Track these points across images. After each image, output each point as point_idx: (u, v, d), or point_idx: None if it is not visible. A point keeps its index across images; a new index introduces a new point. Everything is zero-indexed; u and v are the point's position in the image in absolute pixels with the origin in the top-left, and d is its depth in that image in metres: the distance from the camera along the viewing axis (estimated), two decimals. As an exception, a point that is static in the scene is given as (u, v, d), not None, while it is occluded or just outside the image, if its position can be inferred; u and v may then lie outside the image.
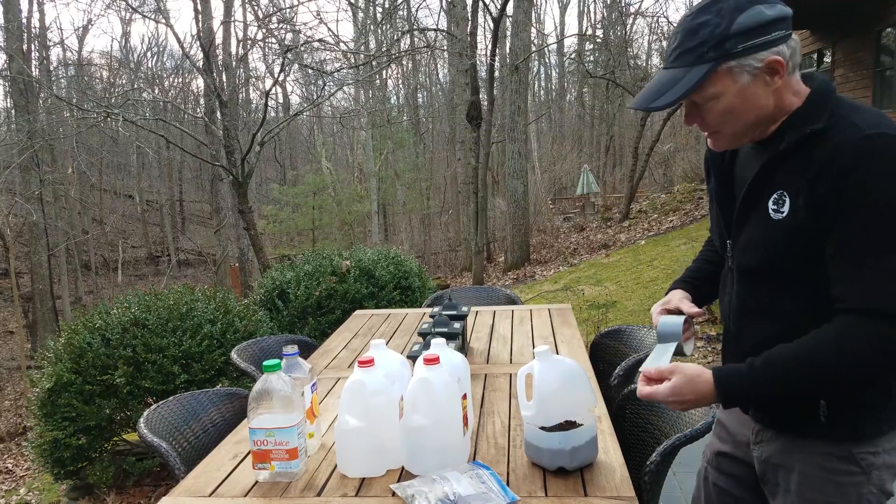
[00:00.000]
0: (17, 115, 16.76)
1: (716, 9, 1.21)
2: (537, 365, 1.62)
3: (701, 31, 1.21)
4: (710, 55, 1.21)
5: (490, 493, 1.51)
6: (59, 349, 3.98)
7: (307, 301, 5.13)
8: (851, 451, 1.28)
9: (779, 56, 1.21)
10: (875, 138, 1.15)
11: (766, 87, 1.24)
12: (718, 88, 1.23)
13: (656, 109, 1.26)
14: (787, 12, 1.22)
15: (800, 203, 1.21)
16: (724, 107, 1.25)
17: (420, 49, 18.86)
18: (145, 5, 17.12)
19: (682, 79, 1.23)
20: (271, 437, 1.65)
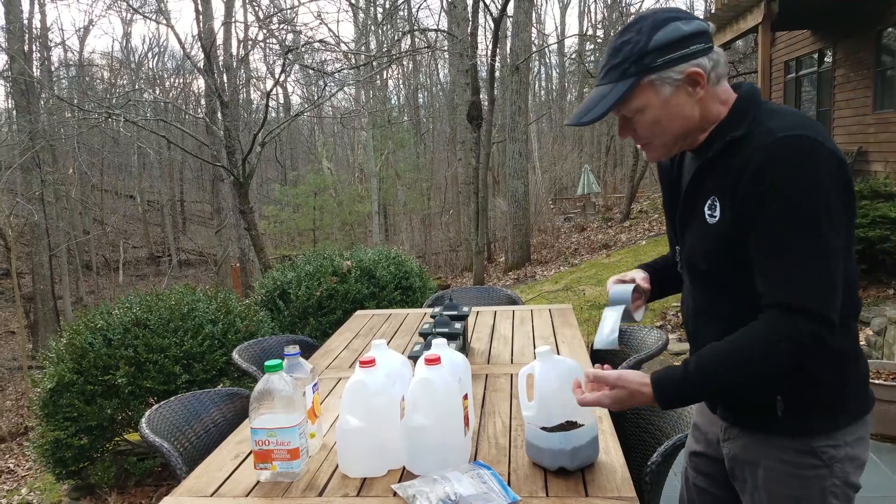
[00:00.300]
0: (18, 116, 16.79)
1: (636, 28, 1.30)
2: (538, 365, 1.63)
3: (623, 49, 1.29)
4: (632, 70, 1.28)
5: (491, 493, 1.51)
6: (60, 349, 3.99)
7: (308, 301, 5.13)
8: (811, 445, 1.32)
9: (698, 68, 1.28)
10: (785, 140, 1.21)
11: (690, 98, 1.30)
12: (643, 101, 1.30)
13: (586, 124, 1.33)
14: (703, 27, 1.29)
15: (727, 207, 1.28)
16: (650, 118, 1.32)
17: (421, 49, 18.86)
18: (146, 6, 17.13)
19: (608, 94, 1.30)
20: (273, 438, 1.65)
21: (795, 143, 1.21)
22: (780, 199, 1.20)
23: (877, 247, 5.60)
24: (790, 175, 1.20)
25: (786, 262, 1.21)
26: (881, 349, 4.40)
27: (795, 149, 1.20)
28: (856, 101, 10.37)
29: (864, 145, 10.05)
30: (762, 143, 1.23)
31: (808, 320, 1.20)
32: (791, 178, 1.20)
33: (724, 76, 1.33)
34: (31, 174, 16.41)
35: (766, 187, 1.21)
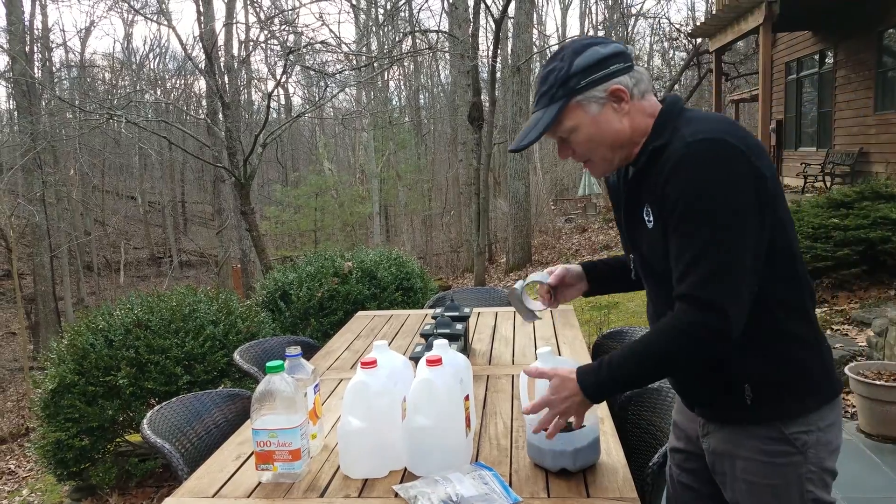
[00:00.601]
0: (19, 117, 16.82)
1: (560, 56, 1.41)
2: (539, 365, 1.62)
3: (549, 77, 1.41)
4: (559, 94, 1.39)
5: (492, 494, 1.51)
6: (62, 350, 3.99)
7: (309, 302, 5.13)
8: (784, 432, 1.37)
9: (620, 85, 1.39)
10: (693, 144, 1.30)
11: (617, 114, 1.40)
12: (574, 121, 1.41)
13: (525, 147, 1.43)
14: (620, 49, 1.41)
15: (656, 213, 1.38)
16: (583, 136, 1.42)
17: (422, 51, 18.88)
18: (147, 7, 17.17)
19: (541, 118, 1.41)
20: (274, 438, 1.65)
21: (701, 146, 1.29)
22: (685, 198, 1.29)
23: (878, 248, 5.60)
24: (694, 175, 1.28)
25: (687, 257, 1.30)
26: (882, 350, 4.39)
27: (701, 151, 1.29)
28: (857, 103, 10.36)
29: (865, 146, 10.04)
30: (675, 150, 1.32)
31: (703, 311, 1.27)
32: (694, 178, 1.28)
33: (648, 91, 1.43)
34: (33, 175, 16.44)
35: (674, 189, 1.30)
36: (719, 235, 1.27)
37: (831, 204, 6.20)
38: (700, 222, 1.28)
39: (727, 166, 1.28)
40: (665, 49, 25.01)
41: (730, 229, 1.27)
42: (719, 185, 1.27)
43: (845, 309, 5.56)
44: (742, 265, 1.28)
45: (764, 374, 1.37)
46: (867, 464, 3.49)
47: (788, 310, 1.37)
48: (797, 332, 1.38)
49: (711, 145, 1.29)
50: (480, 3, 12.34)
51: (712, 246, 1.27)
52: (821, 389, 1.40)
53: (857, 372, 3.79)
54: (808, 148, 12.42)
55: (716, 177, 1.27)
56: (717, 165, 1.28)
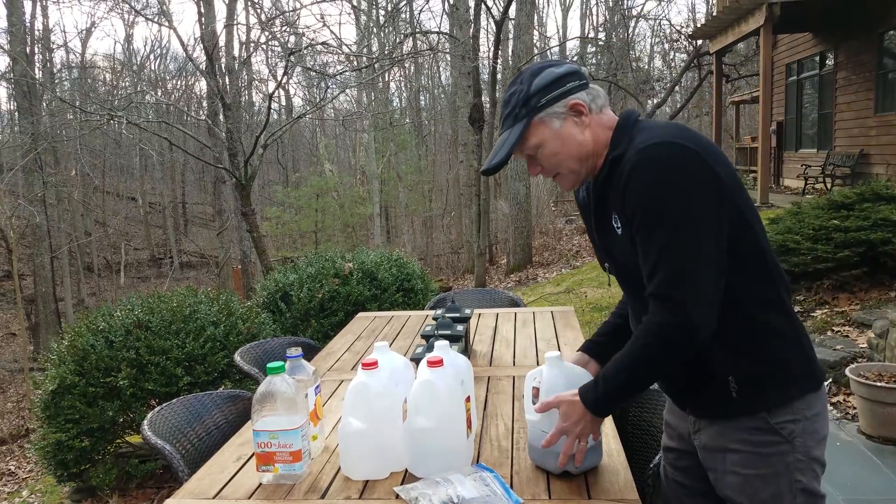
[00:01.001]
0: (20, 118, 16.82)
1: (519, 80, 1.50)
2: (546, 370, 1.62)
3: (512, 99, 1.49)
4: (522, 113, 1.47)
5: (494, 495, 1.51)
6: (62, 351, 3.99)
7: (310, 303, 5.13)
8: (769, 422, 1.40)
9: (578, 99, 1.46)
10: (644, 150, 1.36)
11: (578, 127, 1.47)
12: (538, 138, 1.47)
13: (496, 169, 1.50)
14: (574, 69, 1.50)
15: (622, 220, 1.43)
16: (549, 151, 1.48)
17: (422, 52, 18.87)
18: (148, 8, 17.18)
19: (508, 138, 1.48)
20: (275, 440, 1.65)
21: (652, 151, 1.35)
22: (641, 203, 1.35)
23: (878, 249, 5.59)
24: (647, 179, 1.34)
25: (651, 258, 1.35)
26: (883, 352, 4.39)
27: (652, 156, 1.35)
28: (857, 104, 10.36)
29: (865, 148, 10.04)
30: (629, 157, 1.38)
31: (669, 311, 1.33)
32: (648, 182, 1.34)
33: (605, 106, 1.51)
34: (33, 176, 16.44)
35: (631, 195, 1.36)
36: (677, 236, 1.32)
37: (832, 205, 6.19)
38: (657, 224, 1.33)
39: (679, 168, 1.33)
40: (665, 51, 25.00)
41: (687, 229, 1.32)
42: (672, 187, 1.32)
43: (846, 310, 5.56)
44: (702, 263, 1.32)
45: (745, 368, 1.41)
46: (868, 465, 3.49)
47: (762, 304, 1.41)
48: (773, 325, 1.42)
49: (661, 149, 1.34)
50: (481, 4, 12.35)
51: (671, 247, 1.32)
52: (803, 379, 1.43)
53: (858, 374, 3.79)
54: (809, 149, 12.42)
55: (668, 179, 1.33)
56: (669, 168, 1.33)
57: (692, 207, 1.32)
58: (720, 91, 13.22)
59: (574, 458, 1.59)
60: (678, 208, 1.32)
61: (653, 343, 1.38)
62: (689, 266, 1.32)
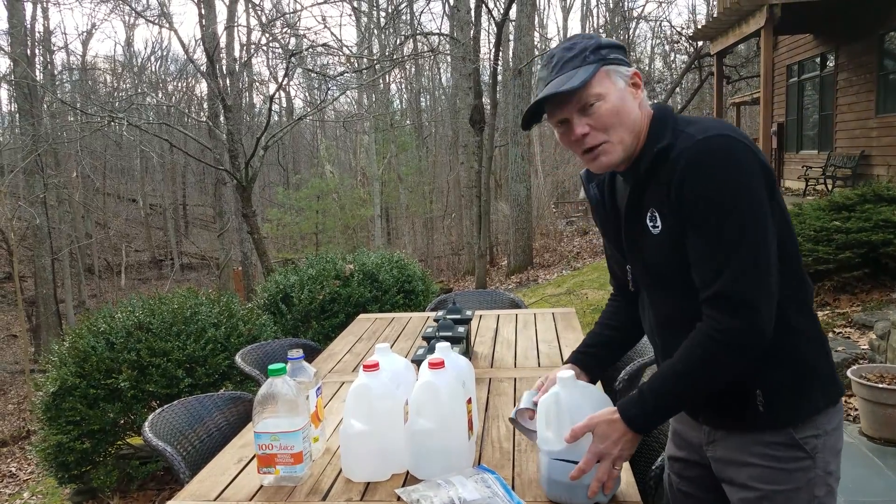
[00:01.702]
0: (21, 119, 16.84)
1: (581, 35, 1.41)
2: (563, 393, 1.48)
3: (576, 47, 1.37)
4: (592, 58, 1.35)
5: (495, 497, 1.51)
6: (63, 353, 3.99)
7: (311, 305, 5.13)
8: (794, 437, 1.35)
9: (637, 72, 1.38)
10: (704, 142, 1.27)
11: (634, 99, 1.38)
12: (603, 88, 1.34)
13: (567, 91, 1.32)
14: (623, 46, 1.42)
15: (668, 217, 1.34)
16: (609, 107, 1.34)
17: (423, 53, 18.89)
18: (149, 10, 17.19)
19: (574, 76, 1.33)
20: (276, 441, 1.65)
21: (713, 143, 1.27)
22: (706, 197, 1.26)
23: (880, 250, 5.59)
24: (712, 173, 1.26)
25: (717, 256, 1.26)
26: (885, 353, 4.38)
27: (714, 148, 1.27)
28: (858, 105, 10.36)
29: (866, 149, 10.04)
30: (684, 149, 1.29)
31: (738, 312, 1.25)
32: (713, 176, 1.26)
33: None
34: (34, 178, 16.45)
35: (692, 188, 1.27)
36: (747, 233, 1.25)
37: (833, 207, 6.19)
38: (724, 220, 1.25)
39: (742, 162, 1.26)
40: (666, 52, 25.02)
41: (755, 225, 1.25)
42: (738, 182, 1.25)
43: (847, 312, 5.56)
44: (769, 260, 1.26)
45: (776, 378, 1.35)
46: (869, 467, 3.48)
47: (796, 305, 1.35)
48: (805, 328, 1.37)
49: (722, 142, 1.27)
50: (482, 6, 12.36)
51: (742, 244, 1.25)
52: (828, 389, 1.39)
53: (860, 375, 3.78)
54: (810, 151, 12.42)
55: (734, 173, 1.26)
56: (733, 162, 1.26)
57: (757, 204, 1.26)
58: (721, 92, 13.21)
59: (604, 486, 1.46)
60: (746, 205, 1.25)
61: (719, 349, 1.27)
62: (758, 264, 1.25)
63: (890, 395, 3.63)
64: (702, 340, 1.29)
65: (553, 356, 2.72)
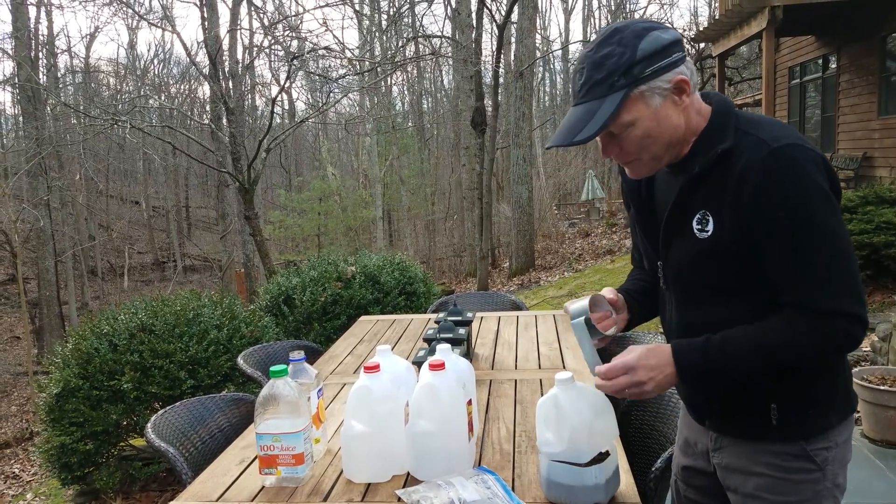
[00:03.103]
0: (25, 122, 16.87)
1: (616, 39, 1.24)
2: (562, 395, 1.46)
3: (607, 63, 1.23)
4: (621, 83, 1.23)
5: (495, 498, 1.52)
6: (66, 354, 4.00)
7: (312, 307, 5.14)
8: (805, 449, 1.32)
9: (683, 76, 1.26)
10: (780, 151, 1.21)
11: (676, 108, 1.28)
12: (634, 115, 1.25)
13: (578, 143, 1.25)
14: (679, 36, 1.28)
15: (724, 221, 1.27)
16: (641, 132, 1.27)
17: (425, 56, 18.91)
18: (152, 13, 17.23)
19: (597, 111, 1.24)
20: (278, 443, 1.66)
21: (790, 153, 1.21)
22: (791, 211, 1.21)
23: (882, 252, 5.59)
24: (794, 185, 1.21)
25: (813, 268, 1.22)
26: (886, 355, 4.38)
27: (791, 159, 1.21)
28: (860, 107, 10.35)
29: (868, 151, 10.03)
30: (757, 156, 1.22)
31: (843, 321, 1.22)
32: (795, 188, 1.21)
33: (697, 85, 1.32)
34: (38, 180, 16.49)
35: (774, 200, 1.21)
36: (838, 242, 1.22)
37: (835, 208, 6.18)
38: (817, 235, 1.21)
39: (818, 174, 1.22)
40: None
41: (843, 238, 1.23)
42: (820, 195, 1.21)
43: (849, 314, 5.55)
44: (856, 268, 1.25)
45: (793, 393, 1.32)
46: (871, 469, 3.48)
47: None
48: None
49: (798, 152, 1.22)
50: (483, 8, 12.38)
51: (836, 253, 1.22)
52: (843, 403, 1.36)
53: (862, 377, 3.78)
54: (812, 152, 12.39)
55: (814, 189, 1.21)
56: (812, 174, 1.21)
57: (838, 216, 1.23)
58: (723, 94, 13.20)
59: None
60: (831, 218, 1.22)
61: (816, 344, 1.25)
62: (854, 273, 1.23)
63: (891, 397, 3.63)
64: (800, 326, 1.23)
65: (554, 358, 2.72)
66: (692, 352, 1.29)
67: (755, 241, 1.25)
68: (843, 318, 1.22)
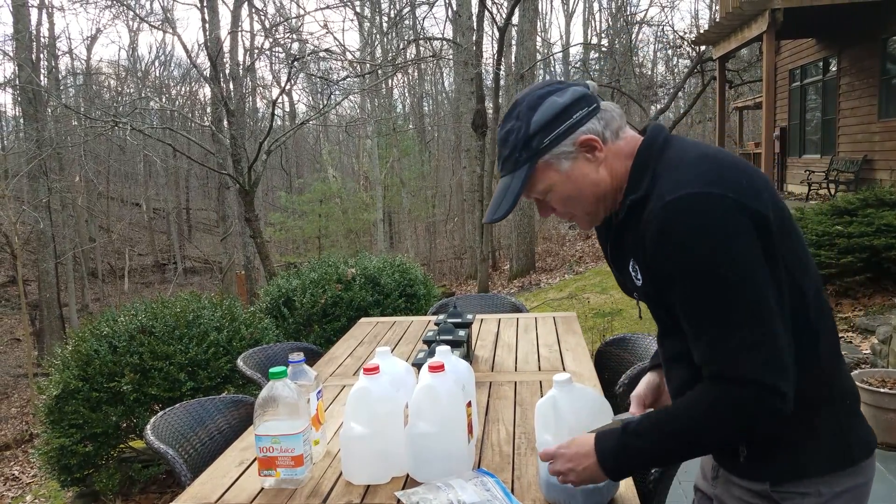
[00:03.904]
0: (25, 124, 16.89)
1: (515, 113, 1.27)
2: (560, 396, 1.46)
3: (510, 139, 1.27)
4: (524, 157, 1.26)
5: (495, 500, 1.52)
6: (66, 356, 4.00)
7: (313, 309, 5.14)
8: (769, 491, 1.24)
9: (589, 134, 1.24)
10: (672, 204, 1.14)
11: (592, 164, 1.26)
12: (547, 183, 1.28)
13: (500, 219, 1.30)
14: (580, 92, 1.26)
15: (644, 272, 1.26)
16: (560, 196, 1.29)
17: (425, 58, 18.94)
18: (153, 15, 17.26)
19: (510, 185, 1.28)
20: (277, 444, 1.66)
21: (682, 205, 1.13)
22: (682, 270, 1.14)
23: (882, 255, 5.59)
24: (683, 241, 1.13)
25: (710, 332, 1.14)
26: (886, 357, 4.38)
27: (683, 212, 1.13)
28: (861, 110, 10.36)
29: (869, 153, 10.04)
30: (655, 207, 1.16)
31: (747, 389, 1.12)
32: (685, 245, 1.13)
33: (622, 128, 1.28)
34: (38, 182, 16.51)
35: (664, 259, 1.16)
36: (736, 304, 1.11)
37: (835, 211, 6.20)
38: (709, 294, 1.12)
39: (717, 224, 1.11)
40: (669, 57, 25.03)
41: (745, 293, 1.11)
42: (715, 248, 1.11)
43: (849, 316, 5.55)
44: (771, 327, 1.11)
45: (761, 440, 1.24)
46: (872, 472, 3.48)
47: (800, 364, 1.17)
48: (808, 387, 1.18)
49: (693, 203, 1.12)
50: (484, 11, 12.39)
51: (732, 317, 1.11)
52: (836, 451, 1.22)
53: (861, 379, 3.78)
54: (812, 155, 12.42)
55: (709, 240, 1.11)
56: (706, 226, 1.12)
57: (743, 269, 1.11)
58: (723, 97, 13.22)
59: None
60: (729, 273, 1.11)
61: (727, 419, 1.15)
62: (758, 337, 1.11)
63: (892, 399, 3.62)
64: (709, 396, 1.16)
65: (554, 360, 2.72)
66: (609, 439, 1.27)
67: (664, 293, 1.21)
68: (752, 387, 1.11)
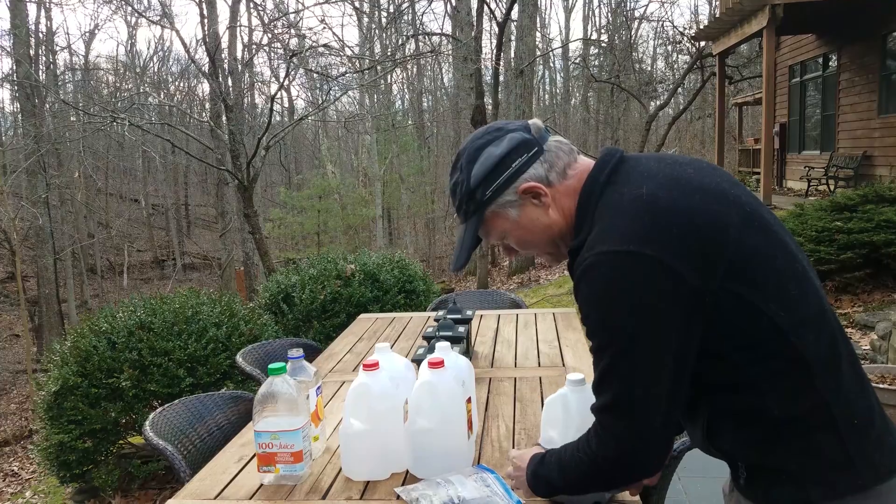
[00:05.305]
0: (23, 120, 16.87)
1: (459, 165, 1.29)
2: (571, 396, 1.48)
3: (457, 191, 1.30)
4: (471, 209, 1.28)
5: (494, 496, 1.51)
6: (65, 352, 4.00)
7: (312, 305, 5.13)
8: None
9: (530, 181, 1.24)
10: (591, 260, 1.15)
11: (540, 208, 1.26)
12: (499, 230, 1.30)
13: (461, 268, 1.34)
14: (517, 140, 1.24)
15: None
16: (516, 240, 1.31)
17: (424, 54, 18.89)
18: (151, 10, 17.22)
19: (464, 235, 1.32)
20: (276, 440, 1.66)
21: (602, 261, 1.13)
22: (587, 319, 1.18)
23: (882, 251, 5.59)
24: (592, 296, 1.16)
25: (596, 377, 1.19)
26: (886, 353, 4.38)
27: (600, 269, 1.14)
28: (861, 106, 10.36)
29: (868, 149, 10.04)
30: (580, 260, 1.18)
31: (609, 442, 1.18)
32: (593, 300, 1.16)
33: (570, 164, 1.26)
34: (37, 178, 16.48)
35: (580, 309, 1.20)
36: (621, 362, 1.14)
37: (835, 207, 6.20)
38: (602, 345, 1.16)
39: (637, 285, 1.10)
40: (668, 52, 25.02)
41: (632, 355, 1.12)
42: (618, 309, 1.12)
43: (849, 312, 5.55)
44: (650, 392, 1.13)
45: (756, 457, 1.19)
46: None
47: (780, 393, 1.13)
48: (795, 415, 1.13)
49: (612, 260, 1.12)
50: (483, 6, 12.36)
51: (613, 373, 1.15)
52: (833, 480, 1.14)
53: (861, 375, 3.78)
54: (812, 151, 12.42)
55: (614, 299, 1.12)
56: (617, 287, 1.12)
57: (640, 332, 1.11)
58: (723, 93, 13.21)
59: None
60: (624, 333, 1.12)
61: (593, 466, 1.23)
62: (630, 398, 1.14)
63: (891, 395, 3.62)
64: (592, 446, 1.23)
65: (553, 356, 2.72)
66: (534, 461, 1.35)
67: None
68: (604, 433, 1.19)
